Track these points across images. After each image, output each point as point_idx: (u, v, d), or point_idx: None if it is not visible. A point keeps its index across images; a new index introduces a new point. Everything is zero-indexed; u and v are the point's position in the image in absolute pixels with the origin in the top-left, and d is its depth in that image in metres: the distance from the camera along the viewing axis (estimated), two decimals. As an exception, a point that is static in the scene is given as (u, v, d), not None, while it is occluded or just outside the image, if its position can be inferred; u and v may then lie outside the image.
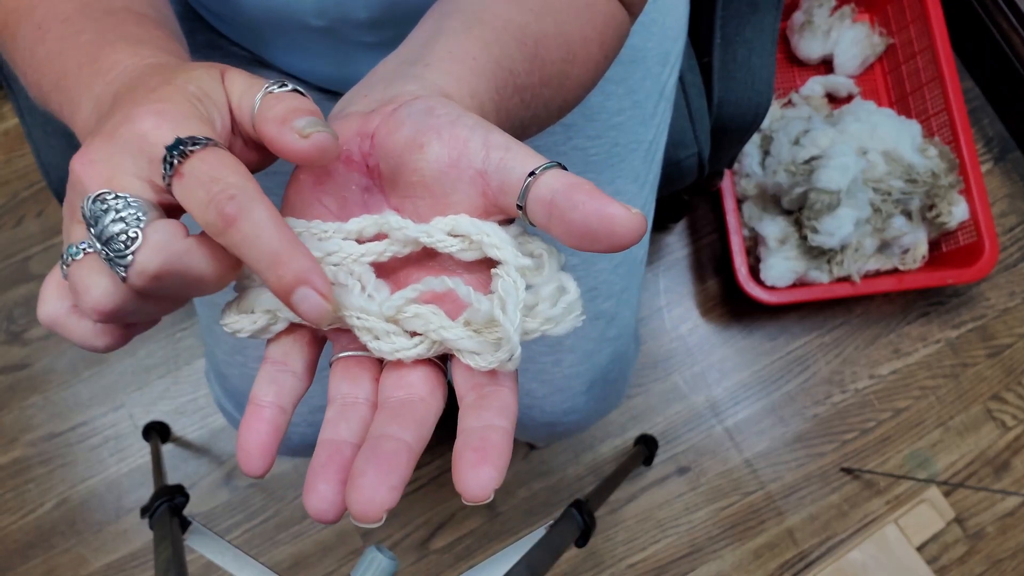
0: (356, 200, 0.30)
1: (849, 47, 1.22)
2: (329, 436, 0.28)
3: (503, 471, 0.25)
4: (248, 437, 0.27)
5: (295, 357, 0.30)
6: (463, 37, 0.33)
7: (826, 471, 1.20)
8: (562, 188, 0.26)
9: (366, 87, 0.33)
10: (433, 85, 0.31)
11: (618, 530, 1.17)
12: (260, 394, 0.28)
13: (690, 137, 0.74)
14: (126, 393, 1.18)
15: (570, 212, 0.25)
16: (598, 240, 0.25)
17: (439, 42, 0.33)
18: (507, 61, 0.34)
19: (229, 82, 0.29)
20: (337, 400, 0.29)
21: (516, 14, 0.35)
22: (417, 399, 0.28)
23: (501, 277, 0.28)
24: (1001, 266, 1.26)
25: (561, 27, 0.37)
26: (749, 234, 1.15)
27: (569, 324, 0.28)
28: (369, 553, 0.54)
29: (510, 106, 0.35)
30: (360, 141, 0.30)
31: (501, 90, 0.34)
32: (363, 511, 0.24)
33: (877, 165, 1.05)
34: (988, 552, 1.18)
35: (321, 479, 0.26)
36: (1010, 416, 1.22)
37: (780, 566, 1.17)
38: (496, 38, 0.34)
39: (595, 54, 0.40)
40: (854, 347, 1.24)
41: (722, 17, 0.72)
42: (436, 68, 0.32)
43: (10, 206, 1.23)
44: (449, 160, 0.28)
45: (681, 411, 1.21)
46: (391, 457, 0.25)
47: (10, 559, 1.14)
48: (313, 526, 1.16)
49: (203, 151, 0.25)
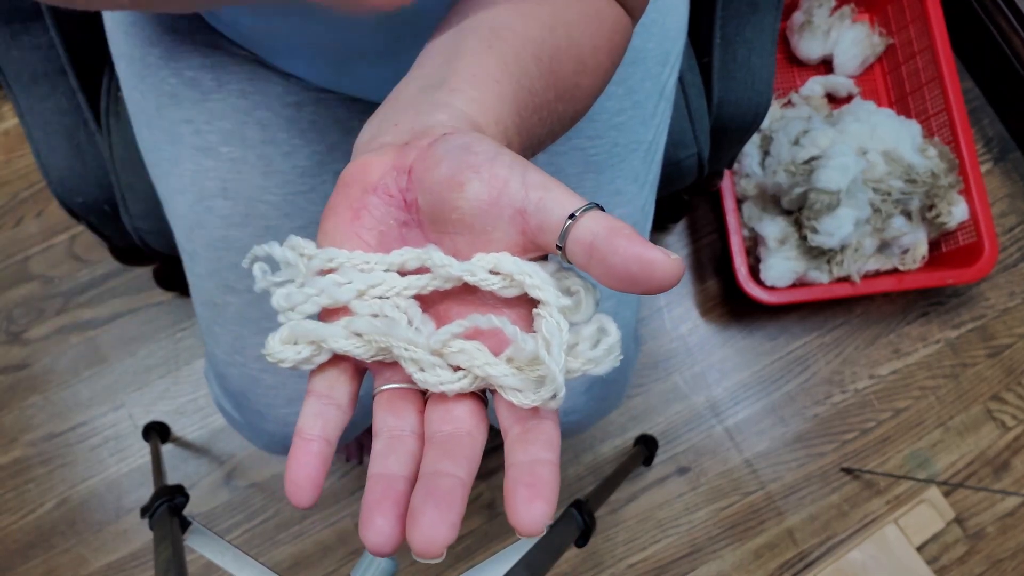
0: (394, 235, 0.30)
1: (849, 47, 1.22)
2: (380, 470, 0.28)
3: (554, 504, 0.26)
4: (297, 470, 0.28)
5: (340, 390, 0.30)
6: (484, 57, 0.33)
7: (826, 471, 1.20)
8: (603, 232, 0.26)
9: (394, 113, 0.33)
10: (462, 114, 0.31)
11: (618, 530, 1.17)
12: (307, 428, 0.29)
13: (690, 137, 0.74)
14: (126, 393, 1.18)
15: (611, 256, 0.26)
16: (637, 283, 0.26)
17: (461, 63, 0.33)
18: (526, 80, 0.34)
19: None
20: (384, 432, 0.30)
21: (532, 29, 0.35)
22: (464, 433, 0.29)
23: (544, 318, 0.28)
24: (1001, 266, 1.26)
25: (573, 39, 0.37)
26: (749, 234, 1.15)
27: (608, 365, 0.29)
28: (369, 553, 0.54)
29: (530, 125, 0.35)
30: (397, 176, 0.30)
31: (522, 111, 0.34)
32: (425, 549, 0.25)
33: (877, 165, 1.05)
34: (988, 552, 1.18)
35: (378, 513, 0.26)
36: (1010, 416, 1.22)
37: (780, 566, 1.17)
38: (515, 57, 0.34)
39: (604, 62, 0.40)
40: (854, 347, 1.24)
41: (722, 17, 0.72)
42: (461, 94, 0.32)
43: (10, 206, 1.23)
44: (489, 199, 0.28)
45: (681, 411, 1.21)
46: (448, 495, 0.26)
47: (10, 559, 1.14)
48: (313, 526, 1.16)
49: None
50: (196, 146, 0.59)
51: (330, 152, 0.60)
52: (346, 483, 1.16)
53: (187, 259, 0.64)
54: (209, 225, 0.60)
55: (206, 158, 0.59)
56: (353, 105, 0.61)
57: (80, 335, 1.19)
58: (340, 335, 0.29)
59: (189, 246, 0.62)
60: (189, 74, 0.58)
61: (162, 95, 0.59)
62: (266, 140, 0.58)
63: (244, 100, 0.58)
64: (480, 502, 1.17)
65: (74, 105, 0.69)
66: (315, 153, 0.59)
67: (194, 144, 0.59)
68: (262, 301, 0.60)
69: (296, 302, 0.30)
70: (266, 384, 0.63)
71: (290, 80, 0.59)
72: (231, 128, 0.58)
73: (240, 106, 0.58)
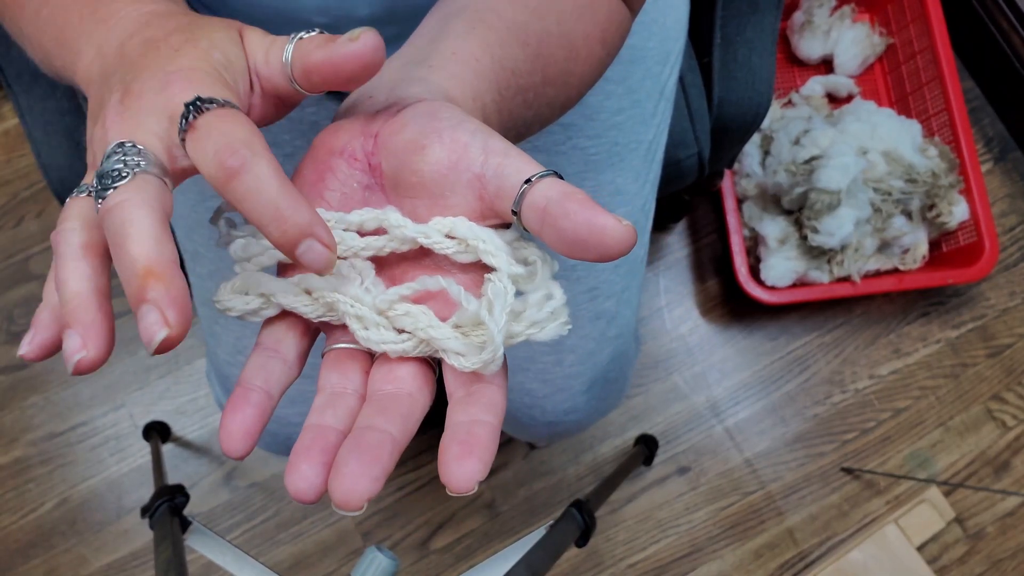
0: (357, 197, 0.31)
1: (849, 47, 1.22)
2: (315, 421, 0.28)
3: (488, 464, 0.26)
4: (233, 419, 0.27)
5: (287, 345, 0.30)
6: (466, 38, 0.34)
7: (826, 471, 1.20)
8: (556, 196, 0.26)
9: (371, 88, 0.33)
10: (437, 87, 0.32)
11: (618, 530, 1.17)
12: (249, 378, 0.29)
13: (690, 137, 0.74)
14: (126, 393, 1.18)
15: (562, 220, 0.26)
16: (588, 249, 0.26)
17: (443, 43, 0.34)
18: (510, 62, 0.34)
19: (248, 42, 0.31)
20: (326, 389, 0.30)
21: (518, 14, 0.36)
22: (404, 394, 0.29)
23: (492, 282, 0.28)
24: (1001, 266, 1.26)
25: (563, 26, 0.38)
26: (749, 234, 1.15)
27: (553, 331, 0.29)
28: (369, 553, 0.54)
29: (513, 106, 0.35)
30: (364, 140, 0.30)
31: (503, 91, 0.34)
32: (344, 499, 0.25)
33: (877, 165, 1.05)
34: (988, 552, 1.18)
35: (304, 460, 0.26)
36: (1010, 416, 1.22)
37: (780, 566, 1.17)
38: (498, 39, 0.34)
39: (597, 51, 0.40)
40: (854, 347, 1.24)
41: (722, 17, 0.72)
42: (440, 70, 0.33)
43: (10, 206, 1.23)
44: (448, 163, 0.28)
45: (681, 411, 1.21)
46: (375, 448, 0.26)
47: (11, 559, 1.14)
48: (313, 526, 1.16)
49: (218, 109, 0.27)
50: (197, 146, 0.59)
51: (331, 152, 0.60)
52: (346, 483, 1.16)
53: (188, 259, 0.64)
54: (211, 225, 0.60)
55: (207, 158, 0.59)
56: (354, 105, 0.61)
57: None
58: (289, 291, 0.30)
59: (190, 246, 0.62)
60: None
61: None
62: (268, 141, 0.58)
63: (245, 100, 0.58)
64: (480, 502, 1.17)
65: (74, 105, 0.69)
66: (316, 153, 0.59)
67: (195, 144, 0.59)
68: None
69: (252, 253, 0.31)
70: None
71: (291, 80, 0.59)
72: (232, 128, 0.58)
73: (241, 106, 0.58)
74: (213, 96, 0.27)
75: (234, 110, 0.27)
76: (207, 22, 0.31)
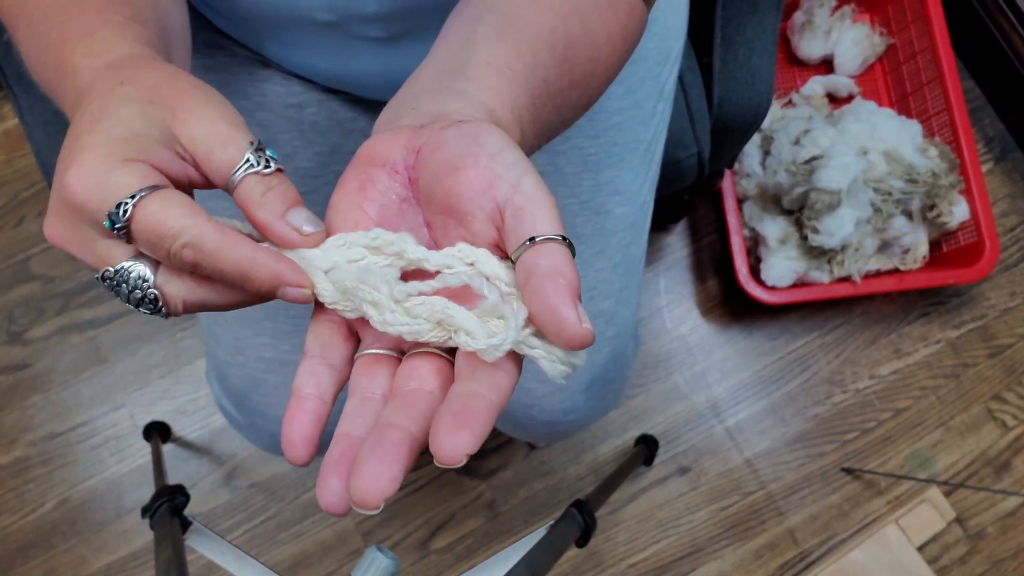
0: (394, 209, 0.31)
1: (849, 47, 1.22)
2: (345, 431, 0.29)
3: (480, 439, 0.26)
4: (292, 427, 0.29)
5: (332, 351, 0.31)
6: (498, 46, 0.34)
7: (827, 471, 1.20)
8: (543, 269, 0.27)
9: (412, 99, 0.34)
10: (477, 101, 0.32)
11: (619, 530, 1.17)
12: (301, 386, 0.30)
13: (690, 137, 0.74)
14: (127, 393, 1.18)
15: (534, 295, 0.27)
16: (546, 330, 0.27)
17: (476, 52, 0.34)
18: (540, 69, 0.35)
19: (184, 125, 0.29)
20: (356, 394, 0.30)
21: (544, 18, 0.36)
22: (427, 391, 0.29)
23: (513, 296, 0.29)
24: (1002, 266, 1.26)
25: (587, 26, 0.38)
26: (749, 234, 1.15)
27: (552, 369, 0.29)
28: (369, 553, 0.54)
29: (543, 114, 0.36)
30: (407, 154, 0.31)
31: (536, 99, 0.35)
32: (363, 498, 0.25)
33: (877, 165, 1.05)
34: (989, 552, 1.18)
35: (333, 475, 0.27)
36: (1011, 416, 1.22)
37: (781, 566, 1.17)
38: (529, 46, 0.35)
39: (619, 49, 0.41)
40: (854, 347, 1.24)
41: (722, 17, 0.72)
42: (477, 82, 0.33)
43: (11, 206, 1.23)
44: (477, 189, 0.29)
45: (681, 411, 1.21)
46: (394, 448, 0.26)
47: (11, 559, 1.14)
48: (314, 526, 1.16)
49: (136, 213, 0.27)
50: (197, 147, 0.59)
51: (332, 153, 0.60)
52: (347, 483, 1.16)
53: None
54: None
55: (207, 158, 0.59)
56: (355, 106, 0.61)
57: (81, 335, 1.19)
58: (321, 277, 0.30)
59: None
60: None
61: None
62: (267, 141, 0.58)
63: (245, 101, 0.58)
64: (480, 502, 1.17)
65: (75, 105, 0.69)
66: (317, 155, 0.59)
67: (195, 144, 0.59)
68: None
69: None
70: (268, 384, 0.63)
71: (292, 81, 0.59)
72: (232, 129, 0.58)
73: (241, 107, 0.58)
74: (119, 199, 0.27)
75: (151, 201, 0.27)
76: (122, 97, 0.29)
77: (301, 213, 0.30)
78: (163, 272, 0.29)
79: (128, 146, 0.28)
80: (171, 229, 0.27)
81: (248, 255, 0.28)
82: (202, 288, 0.30)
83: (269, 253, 0.29)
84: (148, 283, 0.29)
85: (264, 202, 0.29)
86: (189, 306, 0.30)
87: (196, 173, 0.30)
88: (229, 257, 0.28)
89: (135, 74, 0.30)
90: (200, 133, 0.29)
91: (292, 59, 0.56)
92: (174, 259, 0.28)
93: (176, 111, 0.29)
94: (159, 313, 0.30)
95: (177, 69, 0.32)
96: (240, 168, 0.29)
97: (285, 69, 0.59)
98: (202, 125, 0.29)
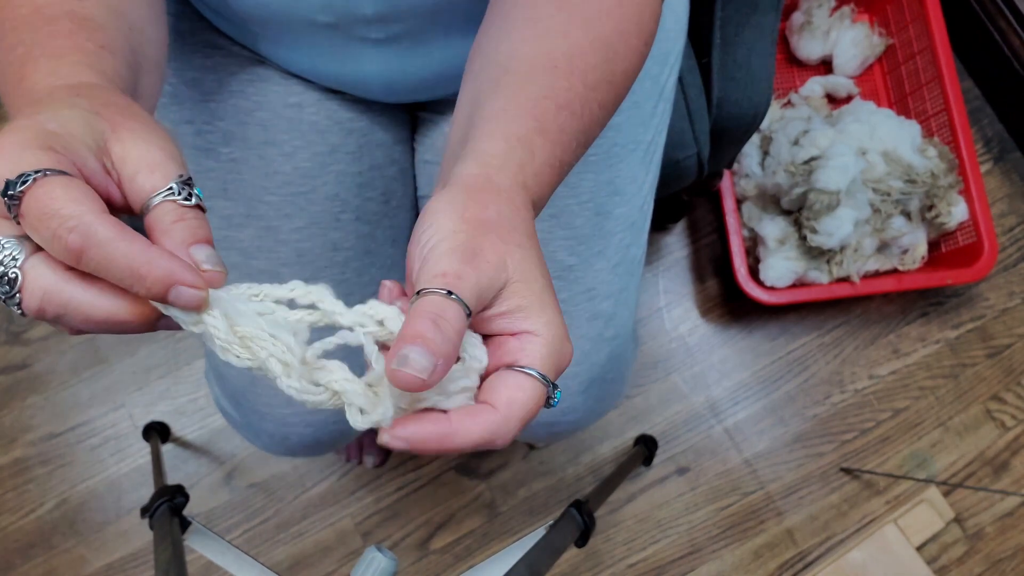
0: None
1: (849, 47, 1.22)
2: None
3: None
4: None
5: None
6: (494, 96, 0.37)
7: (826, 471, 1.20)
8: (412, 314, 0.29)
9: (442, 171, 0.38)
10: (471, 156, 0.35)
11: (618, 530, 1.18)
12: None
13: (690, 137, 0.74)
14: (126, 393, 1.18)
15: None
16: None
17: (478, 111, 0.37)
18: (539, 91, 0.37)
19: (120, 142, 0.29)
20: None
21: (541, 46, 0.39)
22: None
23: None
24: (1000, 266, 1.26)
25: (593, 33, 0.39)
26: (749, 234, 1.15)
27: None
28: (369, 553, 0.54)
29: (559, 121, 0.37)
30: None
31: (540, 116, 0.36)
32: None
33: (877, 165, 1.05)
34: (987, 552, 1.18)
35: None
36: (1009, 416, 1.22)
37: (780, 566, 1.17)
38: (524, 79, 0.38)
39: (635, 44, 0.42)
40: (854, 347, 1.24)
41: (722, 17, 0.72)
42: (474, 138, 0.36)
43: (10, 206, 1.23)
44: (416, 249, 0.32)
45: (681, 411, 1.21)
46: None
47: (10, 559, 1.14)
48: (313, 526, 1.16)
49: (34, 188, 0.26)
50: (197, 147, 0.59)
51: (331, 153, 0.60)
52: (346, 483, 1.16)
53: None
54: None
55: (207, 158, 0.59)
56: (354, 106, 0.61)
57: (80, 335, 1.19)
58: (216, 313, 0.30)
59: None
60: (190, 75, 0.58)
61: (163, 95, 0.59)
62: (267, 141, 0.58)
63: (245, 101, 0.58)
64: (480, 502, 1.17)
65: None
66: (316, 155, 0.59)
67: (195, 145, 0.59)
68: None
69: None
70: (266, 385, 0.63)
71: (291, 81, 0.59)
72: (232, 129, 0.58)
73: (241, 107, 0.58)
74: (24, 170, 0.26)
75: (51, 181, 0.26)
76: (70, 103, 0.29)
77: (206, 250, 0.29)
78: (37, 257, 0.27)
79: (56, 139, 0.28)
80: (61, 210, 0.26)
81: (142, 249, 0.26)
82: (71, 285, 0.27)
83: (164, 252, 0.27)
84: (16, 262, 0.27)
85: (171, 230, 0.28)
86: (47, 301, 0.27)
87: (117, 192, 0.29)
88: (119, 248, 0.26)
89: (91, 92, 0.30)
90: (133, 153, 0.29)
91: (291, 60, 0.56)
92: (57, 243, 0.26)
93: (117, 127, 0.29)
94: (12, 301, 0.27)
95: (133, 103, 0.32)
96: (159, 194, 0.29)
97: (284, 69, 0.59)
98: (137, 147, 0.29)
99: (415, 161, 0.67)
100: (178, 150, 0.30)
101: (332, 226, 0.60)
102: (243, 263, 0.60)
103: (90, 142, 0.28)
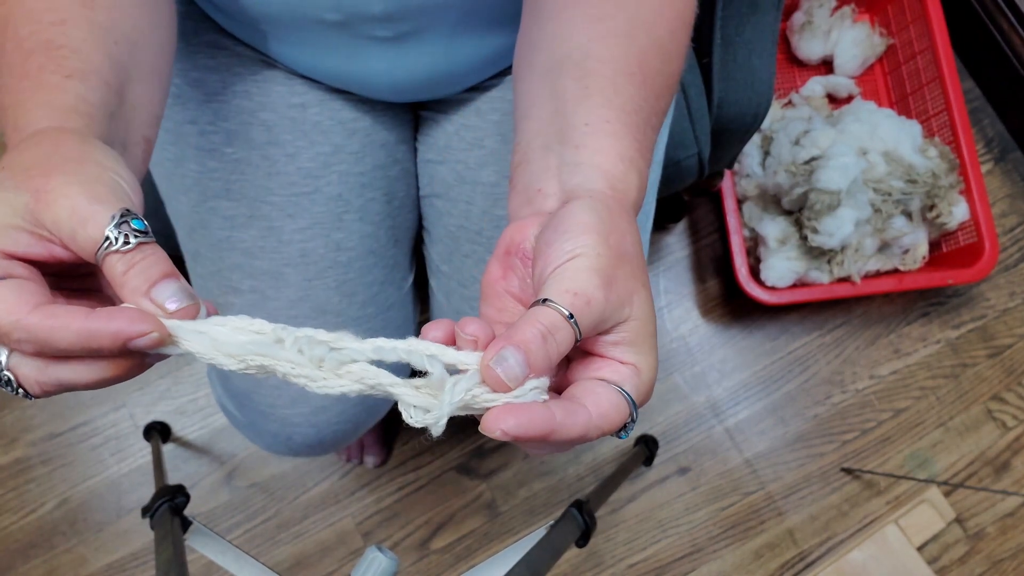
0: (529, 291, 0.35)
1: (849, 47, 1.22)
2: None
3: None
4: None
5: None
6: (587, 101, 0.36)
7: (826, 471, 1.20)
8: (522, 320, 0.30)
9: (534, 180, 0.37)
10: (592, 167, 0.35)
11: (619, 530, 1.18)
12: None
13: (690, 137, 0.74)
14: (127, 393, 1.18)
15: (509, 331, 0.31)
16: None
17: (571, 115, 0.36)
18: (629, 104, 0.37)
19: (47, 209, 0.30)
20: None
21: (614, 48, 0.38)
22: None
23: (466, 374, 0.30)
24: (1001, 266, 1.27)
25: (652, 35, 0.39)
26: (749, 234, 1.15)
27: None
28: (369, 553, 0.54)
29: (645, 137, 0.37)
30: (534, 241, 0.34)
31: (637, 133, 0.36)
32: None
33: (877, 165, 1.05)
34: (988, 552, 1.18)
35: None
36: (1010, 416, 1.22)
37: (780, 566, 1.17)
38: (612, 86, 0.37)
39: (683, 39, 0.41)
40: (854, 347, 1.24)
41: (722, 17, 0.72)
42: (586, 149, 0.35)
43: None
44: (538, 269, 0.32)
45: (681, 411, 1.21)
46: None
47: (11, 559, 1.14)
48: (313, 526, 1.16)
49: None
50: (200, 147, 0.59)
51: (334, 154, 0.60)
52: (346, 483, 1.16)
53: (189, 259, 0.64)
54: (212, 226, 0.60)
55: (210, 159, 0.59)
56: (358, 106, 0.61)
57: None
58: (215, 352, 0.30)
59: (191, 246, 0.62)
60: (194, 75, 0.58)
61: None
62: (270, 141, 0.58)
63: (249, 101, 0.58)
64: (480, 502, 1.17)
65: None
66: (319, 155, 0.59)
67: (198, 145, 0.59)
68: (265, 302, 0.61)
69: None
70: (269, 384, 0.63)
71: (295, 81, 0.59)
72: (235, 129, 0.58)
73: (245, 107, 0.58)
74: None
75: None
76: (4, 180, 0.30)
77: (168, 288, 0.30)
78: (15, 355, 0.29)
79: None
80: (2, 326, 0.28)
81: (81, 327, 0.28)
82: (54, 368, 0.29)
83: (102, 315, 0.28)
84: (0, 366, 0.29)
85: (125, 281, 0.29)
86: (44, 386, 0.29)
87: (64, 251, 0.30)
88: (65, 338, 0.27)
89: (17, 158, 0.31)
90: (62, 215, 0.29)
91: (298, 59, 0.56)
92: (18, 347, 0.28)
93: (40, 194, 0.29)
94: (21, 392, 0.30)
95: (62, 144, 0.32)
96: (100, 248, 0.29)
97: (289, 69, 0.59)
98: (62, 207, 0.29)
99: (417, 160, 0.67)
100: (111, 179, 0.31)
101: (335, 226, 0.60)
102: (246, 263, 0.60)
103: (18, 221, 0.29)
